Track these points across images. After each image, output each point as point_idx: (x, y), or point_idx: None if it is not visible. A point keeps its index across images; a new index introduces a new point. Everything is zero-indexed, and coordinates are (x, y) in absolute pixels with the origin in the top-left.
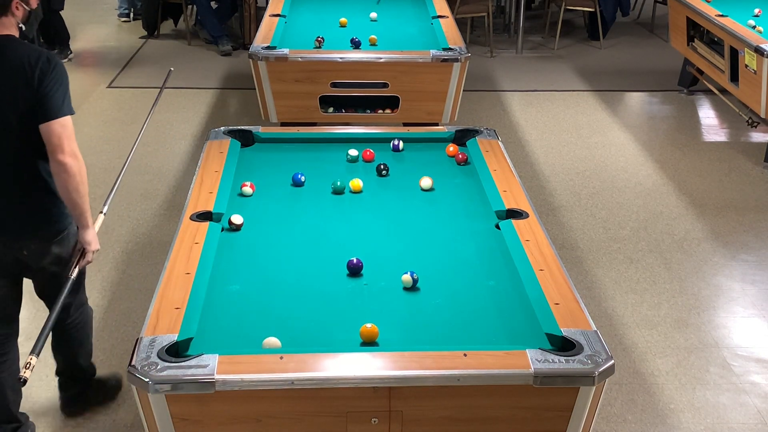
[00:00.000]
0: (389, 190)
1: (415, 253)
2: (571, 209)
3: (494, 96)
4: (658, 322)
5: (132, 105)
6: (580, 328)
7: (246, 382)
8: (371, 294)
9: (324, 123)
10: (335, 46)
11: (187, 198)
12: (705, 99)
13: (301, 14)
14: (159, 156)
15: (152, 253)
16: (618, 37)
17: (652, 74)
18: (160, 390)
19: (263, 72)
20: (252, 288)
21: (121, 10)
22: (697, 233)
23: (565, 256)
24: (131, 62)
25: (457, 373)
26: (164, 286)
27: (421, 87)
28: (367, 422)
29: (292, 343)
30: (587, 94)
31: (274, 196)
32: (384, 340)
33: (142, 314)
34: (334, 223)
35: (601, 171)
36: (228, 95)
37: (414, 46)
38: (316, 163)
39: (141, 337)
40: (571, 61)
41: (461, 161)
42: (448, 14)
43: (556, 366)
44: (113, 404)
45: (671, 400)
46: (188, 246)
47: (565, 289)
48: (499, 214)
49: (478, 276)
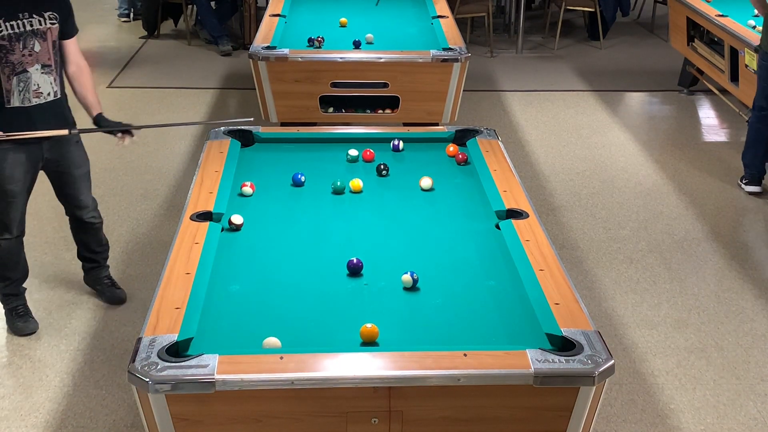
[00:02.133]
0: (389, 190)
1: (415, 253)
2: (571, 209)
3: (494, 96)
4: (658, 322)
5: (132, 105)
6: (580, 328)
7: (246, 382)
8: (371, 294)
9: (324, 123)
10: (335, 46)
11: (187, 198)
12: (705, 99)
13: (301, 14)
14: (159, 156)
15: (152, 253)
16: (618, 37)
17: (652, 74)
18: (160, 390)
19: (263, 72)
20: (252, 288)
21: (121, 10)
22: (697, 233)
23: (565, 256)
24: (131, 62)
25: (457, 373)
26: (164, 286)
27: (421, 87)
28: (367, 422)
29: (292, 343)
30: (587, 94)
31: (274, 196)
32: (384, 340)
33: (142, 314)
34: (334, 223)
35: (601, 171)
36: (228, 95)
37: (414, 46)
38: (316, 163)
39: (141, 337)
40: (571, 61)
41: (461, 161)
42: (448, 14)
43: (556, 366)
44: (113, 404)
45: (671, 400)
46: (188, 246)
47: (565, 289)
48: (499, 214)
49: (478, 276)
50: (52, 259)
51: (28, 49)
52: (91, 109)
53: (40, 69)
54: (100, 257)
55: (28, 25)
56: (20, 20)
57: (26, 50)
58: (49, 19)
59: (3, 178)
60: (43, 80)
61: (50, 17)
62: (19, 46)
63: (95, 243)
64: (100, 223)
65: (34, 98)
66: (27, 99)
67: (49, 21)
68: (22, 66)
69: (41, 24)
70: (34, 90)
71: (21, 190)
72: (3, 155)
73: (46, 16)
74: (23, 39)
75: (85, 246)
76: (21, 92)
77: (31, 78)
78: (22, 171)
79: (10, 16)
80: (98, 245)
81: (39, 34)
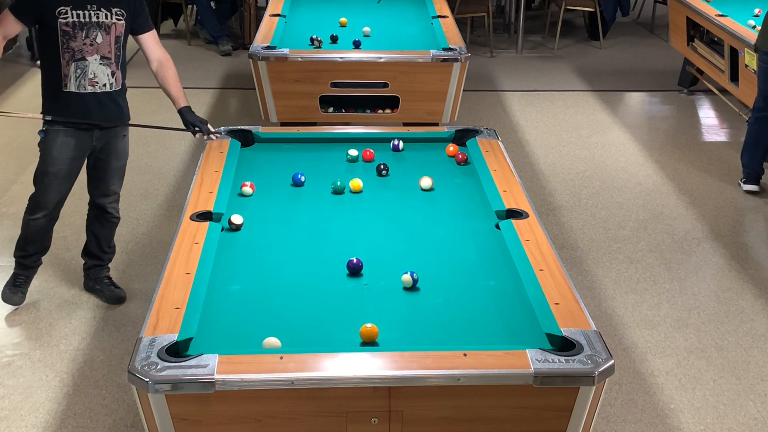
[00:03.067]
0: (389, 190)
1: (415, 253)
2: (571, 209)
3: (494, 96)
4: (658, 322)
5: (132, 105)
6: (580, 328)
7: (246, 382)
8: (371, 294)
9: (324, 123)
10: (335, 46)
11: (187, 198)
12: (705, 99)
13: (301, 14)
14: (159, 156)
15: (152, 253)
16: (618, 37)
17: (652, 74)
18: (160, 390)
19: (263, 72)
20: (252, 288)
21: None
22: (697, 233)
23: (565, 256)
24: (131, 62)
25: (457, 373)
26: (164, 286)
27: (421, 87)
28: (367, 422)
29: (292, 343)
30: (587, 94)
31: (274, 196)
32: (384, 340)
33: (142, 314)
34: (334, 223)
35: (601, 171)
36: (228, 95)
37: (414, 46)
38: (316, 163)
39: (141, 337)
40: (571, 61)
41: (461, 161)
42: (448, 14)
43: (556, 366)
44: (113, 404)
45: (671, 400)
46: (188, 246)
47: (565, 289)
48: (499, 214)
49: (478, 276)
50: (52, 259)
51: (90, 39)
52: (176, 102)
53: (98, 60)
54: (106, 258)
55: (94, 16)
56: (87, 10)
57: (88, 40)
58: (116, 14)
59: (49, 159)
60: (101, 71)
61: (117, 13)
62: (81, 34)
63: (106, 241)
64: (117, 219)
65: (90, 86)
66: (83, 86)
67: (115, 16)
68: (82, 54)
69: (107, 18)
70: (90, 78)
71: (65, 174)
72: (54, 136)
73: (113, 12)
74: (87, 29)
75: (96, 241)
76: (78, 78)
77: (88, 66)
78: (69, 156)
79: (78, 5)
80: (107, 244)
81: (103, 26)
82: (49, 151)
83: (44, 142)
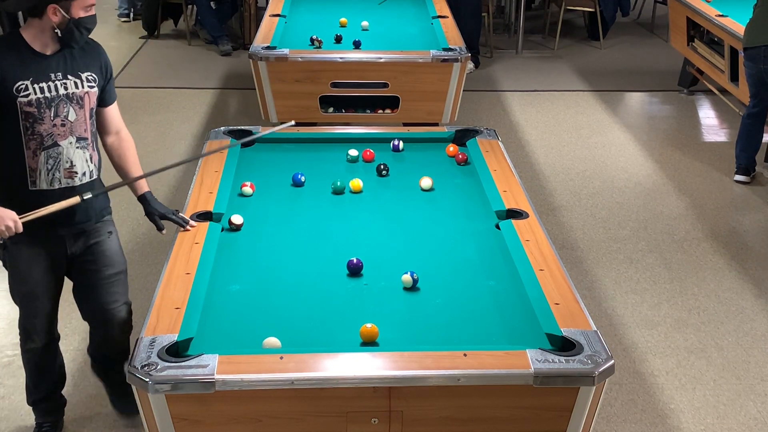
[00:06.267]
0: (389, 190)
1: (415, 253)
2: (571, 209)
3: (494, 96)
4: (658, 322)
5: (132, 105)
6: (580, 328)
7: (246, 382)
8: (371, 294)
9: (324, 123)
10: (337, 46)
11: (187, 198)
12: (705, 99)
13: (301, 14)
14: (159, 156)
15: (152, 253)
16: (618, 37)
17: (652, 74)
18: (160, 390)
19: (263, 72)
20: (252, 288)
21: (121, 10)
22: (697, 233)
23: (565, 256)
24: (131, 62)
25: (457, 373)
26: (164, 286)
27: (421, 87)
28: (367, 422)
29: (292, 343)
30: (587, 94)
31: (274, 196)
32: (384, 340)
33: (142, 314)
34: (334, 223)
35: (601, 171)
36: (228, 95)
37: (414, 46)
38: (316, 163)
39: (141, 337)
40: (571, 61)
41: (461, 161)
42: (448, 14)
43: (556, 366)
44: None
45: (671, 400)
46: (188, 246)
47: (565, 289)
48: (499, 214)
49: (478, 276)
50: None
51: (60, 118)
52: (136, 188)
53: (74, 143)
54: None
55: (61, 87)
56: (52, 81)
57: (58, 119)
58: (87, 81)
59: (19, 278)
60: (78, 156)
61: (88, 79)
62: (49, 114)
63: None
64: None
65: (66, 179)
66: (57, 180)
67: (87, 84)
68: (53, 138)
69: (77, 87)
70: (66, 168)
71: (43, 291)
72: (17, 252)
73: (83, 78)
74: (55, 105)
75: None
76: (50, 171)
77: (62, 153)
78: (41, 270)
79: (39, 77)
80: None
81: (75, 99)
82: (17, 269)
83: (5, 258)
